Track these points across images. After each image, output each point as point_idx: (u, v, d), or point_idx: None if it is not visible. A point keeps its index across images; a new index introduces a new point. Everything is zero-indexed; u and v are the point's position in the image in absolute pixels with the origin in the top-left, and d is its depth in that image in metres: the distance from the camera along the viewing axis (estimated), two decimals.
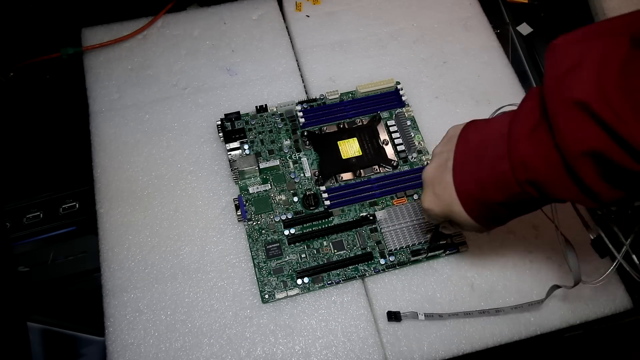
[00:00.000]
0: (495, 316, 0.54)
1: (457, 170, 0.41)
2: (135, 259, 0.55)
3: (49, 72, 0.70)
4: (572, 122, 0.32)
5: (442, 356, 0.52)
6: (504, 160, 0.37)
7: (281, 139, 0.62)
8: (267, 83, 0.67)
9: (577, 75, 0.32)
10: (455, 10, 0.73)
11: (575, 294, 0.56)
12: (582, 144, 0.32)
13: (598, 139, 0.31)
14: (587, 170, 0.33)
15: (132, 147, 0.61)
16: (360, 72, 0.67)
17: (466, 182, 0.40)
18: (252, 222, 0.57)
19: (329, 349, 0.52)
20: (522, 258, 0.57)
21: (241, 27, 0.71)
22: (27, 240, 0.60)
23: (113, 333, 0.52)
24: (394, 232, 0.56)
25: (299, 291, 0.54)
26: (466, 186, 0.40)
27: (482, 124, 0.41)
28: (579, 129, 0.32)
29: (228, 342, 0.52)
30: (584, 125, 0.31)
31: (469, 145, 0.41)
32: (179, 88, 0.66)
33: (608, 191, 0.33)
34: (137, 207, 0.58)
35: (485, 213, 0.41)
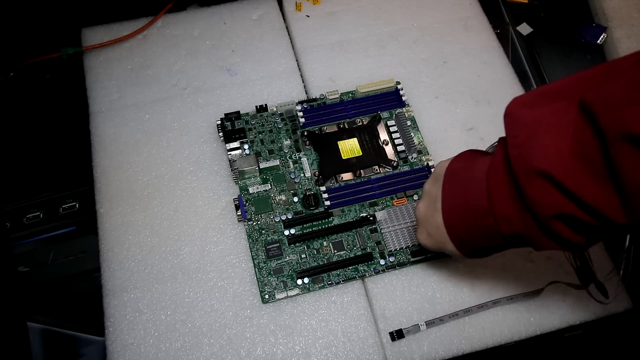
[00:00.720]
0: (495, 316, 0.54)
1: (446, 216, 0.43)
2: (135, 259, 0.55)
3: (49, 72, 0.70)
4: (538, 190, 0.33)
5: (442, 356, 0.52)
6: (488, 215, 0.38)
7: (281, 139, 0.62)
8: (267, 83, 0.67)
9: (535, 145, 0.33)
10: (455, 10, 0.73)
11: (575, 293, 0.56)
12: (550, 208, 0.33)
13: (563, 204, 0.32)
14: (562, 229, 0.34)
15: (132, 147, 0.61)
16: (360, 72, 0.67)
17: (455, 227, 0.42)
18: (252, 222, 0.57)
19: (329, 349, 0.52)
20: (522, 258, 0.57)
21: (241, 27, 0.71)
22: (27, 240, 0.60)
23: (113, 333, 0.52)
24: (394, 233, 0.56)
25: (299, 291, 0.54)
26: (456, 232, 0.42)
27: (464, 170, 0.42)
28: (544, 195, 0.33)
29: (228, 342, 0.52)
30: (548, 192, 0.33)
31: (454, 191, 0.42)
32: (179, 88, 0.66)
33: (586, 241, 0.35)
34: (137, 207, 0.58)
35: (478, 251, 0.43)
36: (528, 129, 0.34)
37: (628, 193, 0.30)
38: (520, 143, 0.34)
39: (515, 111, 0.36)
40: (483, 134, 0.64)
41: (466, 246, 0.43)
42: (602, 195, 0.31)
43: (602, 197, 0.31)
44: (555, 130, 0.33)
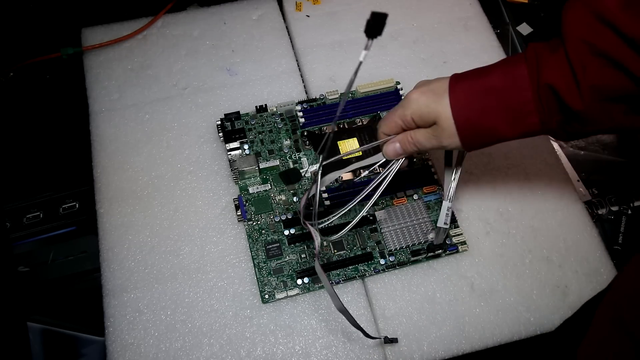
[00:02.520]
0: (496, 316, 0.54)
1: (457, 76, 0.43)
2: (135, 259, 0.55)
3: (49, 72, 0.70)
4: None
5: (442, 356, 0.53)
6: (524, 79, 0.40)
7: (281, 139, 0.62)
8: (267, 83, 0.67)
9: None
10: (455, 10, 0.73)
11: (575, 293, 0.56)
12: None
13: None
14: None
15: (132, 147, 0.61)
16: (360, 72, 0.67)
17: (465, 76, 0.43)
18: (252, 222, 0.57)
19: (329, 349, 0.52)
20: (522, 258, 0.57)
21: (241, 27, 0.71)
22: (27, 240, 0.60)
23: (113, 333, 0.52)
24: (394, 232, 0.56)
25: (299, 291, 0.54)
26: (465, 79, 0.43)
27: (476, 73, 0.43)
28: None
29: (228, 342, 0.52)
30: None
31: (466, 83, 0.43)
32: (179, 88, 0.66)
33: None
34: (137, 207, 0.58)
35: (471, 111, 0.42)
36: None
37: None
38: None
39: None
40: None
41: (465, 96, 0.42)
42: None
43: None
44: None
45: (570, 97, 0.38)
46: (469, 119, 0.42)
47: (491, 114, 0.41)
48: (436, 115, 0.43)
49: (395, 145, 0.47)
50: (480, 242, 0.58)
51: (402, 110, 0.45)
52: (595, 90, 0.38)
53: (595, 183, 0.68)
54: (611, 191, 0.67)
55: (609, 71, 0.37)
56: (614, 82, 0.37)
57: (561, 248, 0.58)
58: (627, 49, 0.36)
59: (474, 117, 0.42)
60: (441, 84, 0.43)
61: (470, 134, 0.43)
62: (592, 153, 0.70)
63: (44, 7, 0.69)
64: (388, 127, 0.46)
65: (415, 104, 0.44)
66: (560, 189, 0.61)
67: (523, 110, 0.41)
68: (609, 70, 0.37)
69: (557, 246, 0.58)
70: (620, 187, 0.68)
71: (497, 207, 0.60)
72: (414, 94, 0.44)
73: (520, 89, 0.40)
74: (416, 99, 0.44)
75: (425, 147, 0.45)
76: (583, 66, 0.38)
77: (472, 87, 0.42)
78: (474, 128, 0.42)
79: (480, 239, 0.58)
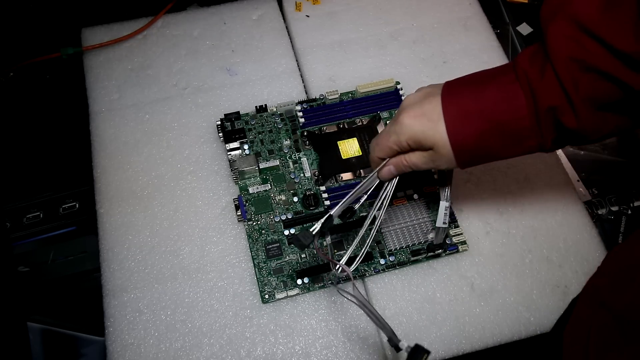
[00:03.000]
0: (496, 316, 0.54)
1: (448, 93, 0.43)
2: (135, 259, 0.55)
3: (49, 72, 0.70)
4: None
5: (442, 356, 0.53)
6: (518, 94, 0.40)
7: (281, 139, 0.62)
8: (267, 83, 0.67)
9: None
10: (455, 10, 0.73)
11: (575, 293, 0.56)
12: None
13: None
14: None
15: (132, 147, 0.61)
16: (360, 72, 0.67)
17: (458, 96, 0.42)
18: (252, 222, 0.57)
19: (329, 349, 0.52)
20: (522, 258, 0.57)
21: (241, 27, 0.71)
22: (27, 240, 0.60)
23: (113, 333, 0.52)
24: (394, 232, 0.56)
25: (299, 291, 0.54)
26: (458, 99, 0.42)
27: (469, 82, 0.43)
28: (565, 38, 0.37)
29: (228, 342, 0.52)
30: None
31: (462, 99, 0.42)
32: (179, 88, 0.66)
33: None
34: (137, 207, 0.58)
35: (468, 137, 0.41)
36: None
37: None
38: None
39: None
40: None
41: (460, 120, 0.41)
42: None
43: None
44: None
45: (566, 117, 0.39)
46: (466, 144, 0.42)
47: (489, 139, 0.41)
48: (433, 142, 0.42)
49: (390, 168, 0.46)
50: (480, 242, 0.58)
51: (396, 137, 0.44)
52: (589, 103, 0.38)
53: (595, 183, 0.68)
54: (611, 191, 0.67)
55: (601, 84, 0.37)
56: (607, 94, 0.37)
57: (561, 248, 0.58)
58: (616, 61, 0.35)
59: (471, 143, 0.41)
60: (434, 107, 0.42)
61: (467, 158, 0.43)
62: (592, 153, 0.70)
63: (44, 7, 0.69)
64: (383, 152, 0.46)
65: (409, 129, 0.43)
66: (560, 189, 0.62)
67: (521, 135, 0.41)
68: (601, 83, 0.37)
69: (557, 246, 0.58)
70: (620, 187, 0.68)
71: (497, 207, 0.60)
72: (407, 119, 0.43)
73: (518, 117, 0.40)
74: (410, 125, 0.43)
75: (420, 169, 0.45)
76: (575, 84, 0.37)
77: (467, 109, 0.41)
78: (471, 152, 0.42)
79: (480, 239, 0.58)
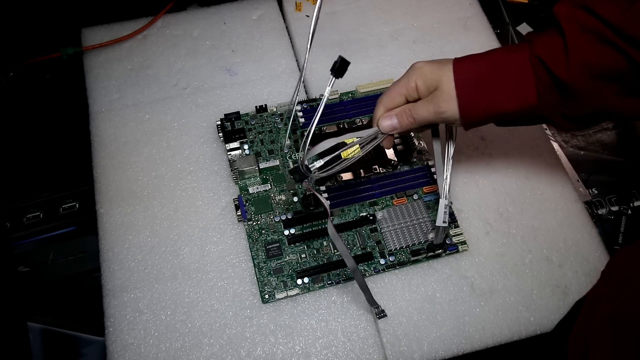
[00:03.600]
0: (496, 316, 0.54)
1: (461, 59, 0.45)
2: (135, 259, 0.55)
3: (49, 72, 0.70)
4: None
5: (442, 356, 0.52)
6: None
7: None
8: (267, 83, 0.67)
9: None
10: (455, 10, 0.73)
11: (575, 293, 0.56)
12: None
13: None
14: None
15: (132, 147, 0.61)
16: (360, 72, 0.67)
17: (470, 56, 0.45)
18: (252, 222, 0.57)
19: (329, 349, 0.52)
20: (522, 258, 0.57)
21: (241, 27, 0.71)
22: (27, 240, 0.60)
23: (113, 333, 0.52)
24: (394, 232, 0.56)
25: (299, 291, 0.54)
26: (467, 63, 0.44)
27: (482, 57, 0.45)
28: None
29: (228, 342, 0.52)
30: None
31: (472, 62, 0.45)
32: (179, 88, 0.66)
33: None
34: (137, 207, 0.58)
35: (471, 76, 0.43)
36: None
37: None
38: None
39: None
40: (484, 133, 0.64)
41: (466, 71, 0.43)
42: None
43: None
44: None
45: (557, 67, 0.40)
46: (468, 84, 0.43)
47: (491, 83, 0.43)
48: (438, 78, 0.44)
49: (392, 120, 0.47)
50: (480, 242, 0.58)
51: (406, 79, 0.46)
52: (586, 66, 0.39)
53: (595, 183, 0.68)
54: (611, 191, 0.67)
55: (600, 47, 0.39)
56: (605, 59, 0.39)
57: (561, 248, 0.58)
58: (617, 31, 0.38)
59: (474, 84, 0.43)
60: (446, 61, 0.45)
61: (468, 100, 0.44)
62: (592, 153, 0.70)
63: (44, 7, 0.69)
64: (390, 99, 0.47)
65: (419, 70, 0.45)
66: (560, 189, 0.62)
67: (520, 81, 0.42)
68: (600, 46, 0.39)
69: (557, 246, 0.58)
70: (620, 187, 0.68)
71: (497, 207, 0.60)
72: (419, 62, 0.46)
73: (518, 63, 0.42)
74: (421, 66, 0.46)
75: (422, 118, 0.46)
76: (574, 40, 0.40)
77: (476, 59, 0.44)
78: (473, 95, 0.43)
79: (480, 239, 0.58)
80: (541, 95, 0.42)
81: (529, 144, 0.64)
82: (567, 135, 0.72)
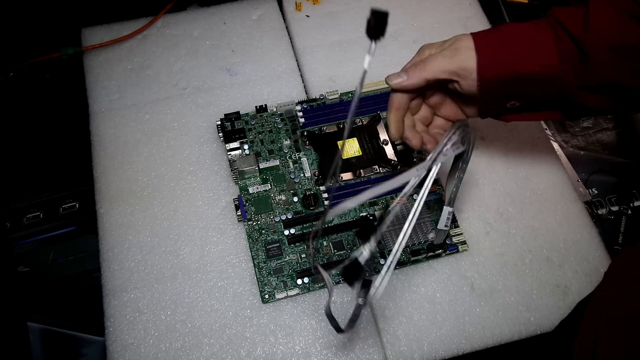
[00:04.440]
0: (496, 316, 0.54)
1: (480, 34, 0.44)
2: (135, 259, 0.56)
3: (49, 72, 0.70)
4: None
5: (442, 356, 0.53)
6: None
7: (281, 139, 0.62)
8: (267, 83, 0.67)
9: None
10: (455, 10, 0.73)
11: (575, 293, 0.56)
12: None
13: None
14: None
15: (132, 147, 0.61)
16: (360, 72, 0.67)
17: (487, 36, 0.43)
18: (252, 222, 0.57)
19: (329, 349, 0.52)
20: (522, 258, 0.57)
21: (241, 27, 0.71)
22: (27, 240, 0.60)
23: (113, 333, 0.52)
24: (394, 232, 0.56)
25: (299, 291, 0.54)
26: (485, 31, 0.43)
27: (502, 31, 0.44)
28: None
29: (228, 342, 0.52)
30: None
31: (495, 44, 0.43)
32: (179, 88, 0.66)
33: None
34: (137, 207, 0.58)
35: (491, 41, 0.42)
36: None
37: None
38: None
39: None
40: (484, 133, 0.64)
41: (488, 48, 0.42)
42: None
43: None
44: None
45: (574, 28, 0.40)
46: (487, 40, 0.43)
47: (511, 41, 0.42)
48: (456, 39, 0.44)
49: (400, 76, 0.45)
50: (480, 242, 0.58)
51: (421, 49, 0.46)
52: (604, 33, 0.39)
53: (595, 183, 0.68)
54: (611, 191, 0.67)
55: (622, 19, 0.39)
56: (625, 32, 0.39)
57: (561, 248, 0.58)
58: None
59: (493, 41, 0.43)
60: (466, 38, 0.45)
61: (488, 54, 0.42)
62: (592, 153, 0.70)
63: (44, 7, 0.69)
64: (405, 71, 0.46)
65: (437, 42, 0.46)
66: (560, 189, 0.62)
67: (540, 39, 0.42)
68: (623, 18, 0.39)
69: (557, 246, 0.58)
70: (620, 187, 0.68)
71: (497, 207, 0.60)
72: (431, 43, 0.46)
73: (537, 25, 0.43)
74: (437, 42, 0.46)
75: (433, 71, 0.44)
76: (596, 6, 0.40)
77: (493, 29, 0.44)
78: (493, 49, 0.42)
79: (480, 239, 0.58)
80: (561, 54, 0.41)
81: (529, 144, 0.64)
82: (567, 135, 0.72)
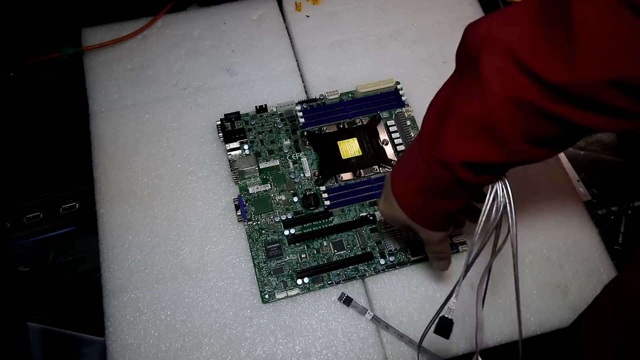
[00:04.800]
0: (496, 316, 0.54)
1: (393, 173, 0.45)
2: (135, 259, 0.56)
3: (49, 72, 0.70)
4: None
5: (443, 356, 0.52)
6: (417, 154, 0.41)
7: (281, 139, 0.62)
8: (267, 83, 0.67)
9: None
10: (455, 10, 0.73)
11: (575, 293, 0.56)
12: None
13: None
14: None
15: (132, 147, 0.61)
16: (360, 72, 0.67)
17: (396, 174, 0.44)
18: (252, 222, 0.57)
19: (329, 349, 0.52)
20: (522, 258, 0.57)
21: (241, 27, 0.71)
22: (27, 240, 0.60)
23: (113, 333, 0.52)
24: (394, 232, 0.56)
25: (299, 291, 0.54)
26: (396, 177, 0.44)
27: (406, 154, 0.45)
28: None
29: (228, 342, 0.52)
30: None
31: (399, 169, 0.45)
32: (179, 88, 0.66)
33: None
34: (137, 207, 0.58)
35: (416, 205, 0.43)
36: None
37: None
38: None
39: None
40: None
41: (405, 196, 0.44)
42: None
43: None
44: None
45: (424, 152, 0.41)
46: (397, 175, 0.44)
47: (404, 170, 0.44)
48: (395, 218, 0.46)
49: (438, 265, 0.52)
50: None
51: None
52: (523, 137, 0.37)
53: (595, 183, 0.68)
54: (611, 191, 0.67)
55: (537, 120, 0.35)
56: (542, 130, 0.35)
57: (561, 248, 0.58)
58: (550, 95, 0.32)
59: (399, 176, 0.44)
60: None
61: (400, 194, 0.44)
62: (592, 153, 0.70)
63: (44, 7, 0.69)
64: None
65: (384, 218, 0.49)
66: (560, 189, 0.62)
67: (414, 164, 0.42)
68: (536, 120, 0.35)
69: (557, 246, 0.58)
70: (620, 187, 0.68)
71: None
72: (380, 206, 0.48)
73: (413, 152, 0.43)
74: (382, 214, 0.48)
75: (382, 214, 0.48)
76: (510, 121, 0.36)
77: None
78: (400, 185, 0.44)
79: None
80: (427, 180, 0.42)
81: None
82: None
